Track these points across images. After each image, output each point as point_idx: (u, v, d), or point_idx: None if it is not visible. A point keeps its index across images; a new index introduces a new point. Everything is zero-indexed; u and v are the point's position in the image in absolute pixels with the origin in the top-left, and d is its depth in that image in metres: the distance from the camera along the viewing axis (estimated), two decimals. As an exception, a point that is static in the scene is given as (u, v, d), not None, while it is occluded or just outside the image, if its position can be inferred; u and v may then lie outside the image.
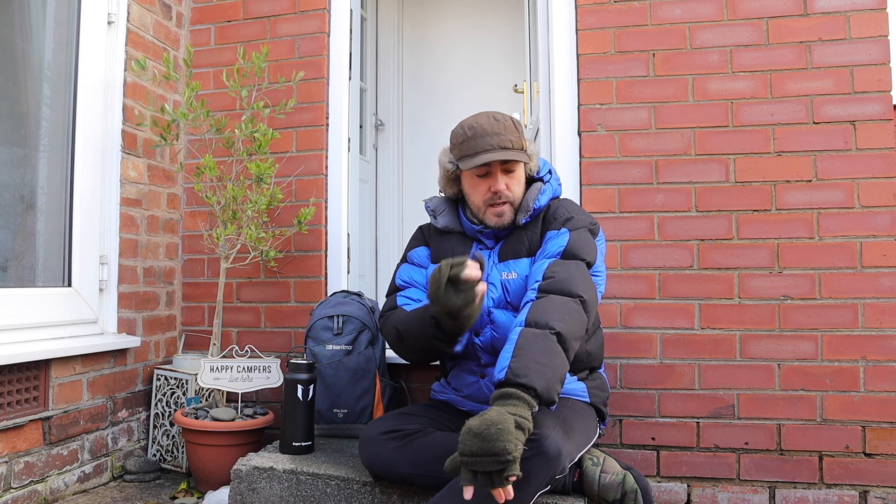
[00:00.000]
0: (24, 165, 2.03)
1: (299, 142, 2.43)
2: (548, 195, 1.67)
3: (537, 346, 1.30)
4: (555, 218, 1.62)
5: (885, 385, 1.96)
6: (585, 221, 1.62)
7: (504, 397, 1.24)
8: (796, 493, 1.98)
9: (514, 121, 1.64)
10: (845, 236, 2.01)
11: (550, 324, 1.34)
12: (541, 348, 1.30)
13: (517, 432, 1.16)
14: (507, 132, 1.60)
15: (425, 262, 1.79)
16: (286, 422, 1.82)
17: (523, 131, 1.65)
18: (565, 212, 1.63)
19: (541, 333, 1.33)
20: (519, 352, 1.30)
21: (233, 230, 2.15)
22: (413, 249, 1.82)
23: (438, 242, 1.77)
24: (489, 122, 1.61)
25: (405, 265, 1.81)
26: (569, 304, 1.41)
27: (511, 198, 1.64)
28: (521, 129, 1.63)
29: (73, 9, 2.13)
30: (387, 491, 1.60)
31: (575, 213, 1.64)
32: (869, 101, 2.03)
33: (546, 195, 1.66)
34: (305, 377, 1.83)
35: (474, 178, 1.65)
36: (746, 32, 2.11)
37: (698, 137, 2.12)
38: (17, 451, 1.80)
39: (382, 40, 3.81)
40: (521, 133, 1.63)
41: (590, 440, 1.57)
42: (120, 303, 2.21)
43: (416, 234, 1.86)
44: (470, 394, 1.70)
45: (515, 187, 1.65)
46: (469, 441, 1.16)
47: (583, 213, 1.67)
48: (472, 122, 1.62)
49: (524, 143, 1.63)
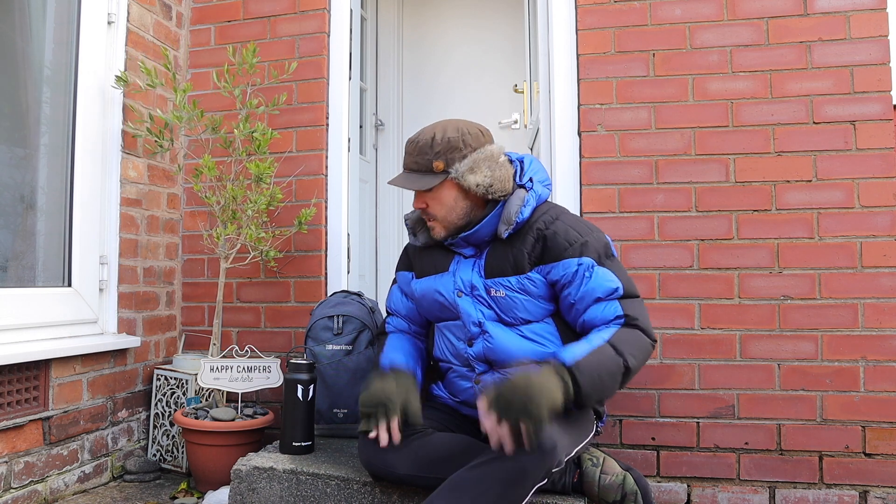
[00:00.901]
0: (24, 165, 2.03)
1: (299, 142, 2.43)
2: (531, 205, 1.59)
3: (607, 366, 1.41)
4: (568, 242, 1.53)
5: (885, 385, 1.96)
6: (601, 243, 1.56)
7: (558, 372, 1.36)
8: (796, 493, 1.98)
9: (438, 138, 1.57)
10: (845, 236, 2.01)
11: (626, 356, 1.43)
12: (608, 370, 1.41)
13: (554, 405, 1.30)
14: (416, 153, 1.59)
15: (407, 294, 1.82)
16: (286, 422, 1.82)
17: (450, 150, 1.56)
18: (575, 234, 1.54)
19: (616, 359, 1.42)
20: (593, 358, 1.40)
21: (232, 230, 2.15)
22: (400, 272, 1.84)
23: (421, 258, 1.76)
24: (414, 138, 1.62)
25: (395, 289, 1.86)
26: (647, 345, 1.50)
27: (436, 217, 1.62)
28: (441, 149, 1.56)
29: (73, 9, 2.13)
30: (387, 491, 1.60)
31: (583, 232, 1.56)
32: (869, 101, 2.03)
33: (529, 206, 1.58)
34: (305, 377, 1.83)
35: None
36: (746, 32, 2.11)
37: (698, 137, 2.12)
38: (17, 451, 1.80)
39: (382, 40, 3.81)
40: (440, 153, 1.56)
41: (587, 436, 1.57)
42: (120, 303, 2.21)
43: (402, 255, 1.86)
44: (465, 399, 1.69)
45: (436, 207, 1.61)
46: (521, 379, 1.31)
47: (588, 229, 1.58)
48: (409, 138, 1.66)
49: (438, 164, 1.56)
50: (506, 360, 1.59)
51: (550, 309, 1.60)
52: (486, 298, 1.61)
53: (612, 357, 1.41)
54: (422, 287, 1.73)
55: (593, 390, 1.38)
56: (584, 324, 1.54)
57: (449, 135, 1.57)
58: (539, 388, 1.29)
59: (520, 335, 1.59)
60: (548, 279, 1.56)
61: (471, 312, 1.62)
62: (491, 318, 1.61)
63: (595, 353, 1.41)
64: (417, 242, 1.76)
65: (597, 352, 1.41)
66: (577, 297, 1.53)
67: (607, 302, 1.51)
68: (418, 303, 1.76)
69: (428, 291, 1.71)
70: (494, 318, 1.61)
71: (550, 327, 1.60)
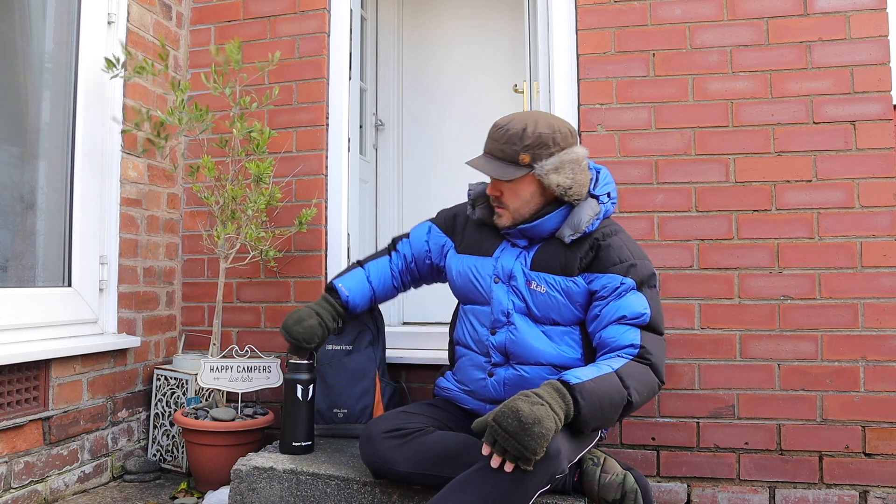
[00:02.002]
0: (24, 165, 2.03)
1: (299, 142, 2.43)
2: (601, 219, 1.61)
3: (609, 395, 1.39)
4: (619, 259, 1.55)
5: (885, 385, 1.96)
6: (648, 271, 1.57)
7: (559, 392, 1.34)
8: (796, 493, 1.98)
9: (530, 130, 1.55)
10: (845, 236, 2.01)
11: (630, 391, 1.42)
12: (611, 399, 1.39)
13: (549, 439, 1.27)
14: (504, 141, 1.56)
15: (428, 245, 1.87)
16: (286, 422, 1.82)
17: (539, 146, 1.54)
18: (628, 254, 1.57)
19: (620, 391, 1.41)
20: (599, 383, 1.39)
21: (232, 230, 2.15)
22: (434, 230, 1.87)
23: (469, 232, 1.77)
24: (503, 123, 1.60)
25: (405, 242, 1.92)
26: (654, 386, 1.49)
27: (507, 206, 1.62)
28: (530, 143, 1.54)
29: (73, 9, 2.13)
30: (387, 491, 1.60)
31: (636, 255, 1.58)
32: (869, 101, 2.03)
33: (599, 220, 1.60)
34: (305, 377, 1.83)
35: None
36: (746, 32, 2.11)
37: (698, 137, 2.12)
38: (17, 451, 1.80)
39: (382, 40, 3.80)
40: (528, 146, 1.54)
41: (590, 442, 1.57)
42: (120, 303, 2.21)
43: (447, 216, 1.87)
44: (475, 390, 1.69)
45: (510, 198, 1.61)
46: (511, 420, 1.26)
47: (641, 255, 1.60)
48: (499, 119, 1.63)
49: (525, 157, 1.54)
50: (525, 356, 1.61)
51: (580, 317, 1.61)
52: (521, 291, 1.62)
53: (617, 388, 1.40)
54: (460, 264, 1.74)
55: (591, 416, 1.36)
56: (601, 340, 1.54)
57: (541, 129, 1.55)
58: (534, 421, 1.25)
59: (545, 334, 1.61)
60: (589, 287, 1.58)
61: (502, 300, 1.64)
62: (520, 311, 1.63)
63: (600, 379, 1.39)
64: (474, 216, 1.76)
65: (602, 379, 1.39)
66: (604, 310, 1.54)
67: (629, 327, 1.51)
68: (453, 282, 1.77)
69: (465, 270, 1.72)
70: (524, 312, 1.63)
71: (575, 335, 1.62)
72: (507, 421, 1.26)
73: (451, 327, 1.85)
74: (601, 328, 1.54)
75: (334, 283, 1.88)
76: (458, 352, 1.77)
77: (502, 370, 1.64)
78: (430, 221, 1.91)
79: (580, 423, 1.36)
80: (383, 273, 1.91)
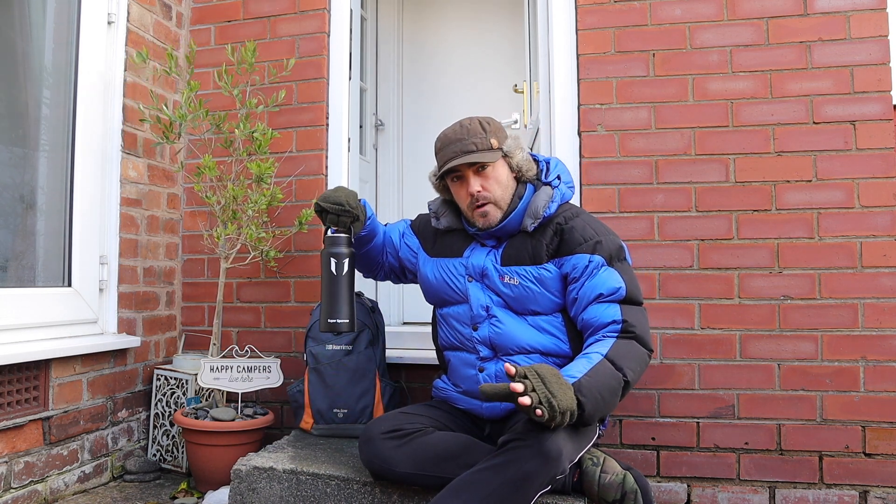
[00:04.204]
0: (24, 165, 2.03)
1: (299, 142, 2.43)
2: (557, 202, 1.66)
3: (607, 383, 1.41)
4: (583, 238, 1.59)
5: (885, 385, 1.96)
6: (615, 245, 1.59)
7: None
8: (796, 493, 1.98)
9: (484, 122, 1.66)
10: (845, 236, 2.01)
11: (625, 370, 1.43)
12: (609, 387, 1.41)
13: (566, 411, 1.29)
14: (470, 136, 1.63)
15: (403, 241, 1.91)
16: (323, 300, 1.70)
17: (497, 131, 1.66)
18: (591, 232, 1.60)
19: (615, 374, 1.42)
20: (593, 375, 1.40)
21: (233, 230, 2.15)
22: (409, 232, 1.92)
23: (442, 238, 1.82)
24: (454, 130, 1.66)
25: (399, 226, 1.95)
26: (644, 357, 1.51)
27: (491, 198, 1.65)
28: (491, 129, 1.65)
29: (73, 9, 2.13)
30: (387, 491, 1.60)
31: (599, 231, 1.61)
32: (869, 101, 2.03)
33: (555, 202, 1.65)
34: (339, 250, 1.68)
35: (455, 186, 1.71)
36: (746, 32, 2.11)
37: (698, 137, 2.12)
38: (17, 451, 1.80)
39: (382, 40, 3.81)
40: (491, 132, 1.64)
41: (590, 441, 1.57)
42: (120, 303, 2.21)
43: (421, 223, 1.91)
44: (468, 388, 1.70)
45: (493, 187, 1.65)
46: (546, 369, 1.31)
47: (605, 230, 1.63)
48: (443, 134, 1.69)
49: (494, 141, 1.64)
50: (512, 347, 1.63)
51: (560, 303, 1.64)
52: (497, 287, 1.66)
53: (612, 373, 1.42)
54: (434, 266, 1.79)
55: (595, 410, 1.37)
56: (584, 322, 1.57)
57: (489, 120, 1.68)
58: (565, 384, 1.31)
59: (528, 324, 1.64)
60: (561, 272, 1.61)
61: (479, 297, 1.67)
62: (499, 305, 1.66)
63: (594, 371, 1.40)
64: (440, 225, 1.81)
65: (596, 370, 1.41)
66: (581, 292, 1.57)
67: (608, 303, 1.53)
68: (428, 284, 1.81)
69: (439, 271, 1.77)
70: (503, 306, 1.66)
71: (558, 321, 1.64)
72: (543, 368, 1.31)
73: (434, 335, 1.86)
74: (581, 310, 1.57)
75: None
76: (447, 356, 1.80)
77: (492, 364, 1.66)
78: (407, 222, 1.96)
79: (585, 418, 1.36)
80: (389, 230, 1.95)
